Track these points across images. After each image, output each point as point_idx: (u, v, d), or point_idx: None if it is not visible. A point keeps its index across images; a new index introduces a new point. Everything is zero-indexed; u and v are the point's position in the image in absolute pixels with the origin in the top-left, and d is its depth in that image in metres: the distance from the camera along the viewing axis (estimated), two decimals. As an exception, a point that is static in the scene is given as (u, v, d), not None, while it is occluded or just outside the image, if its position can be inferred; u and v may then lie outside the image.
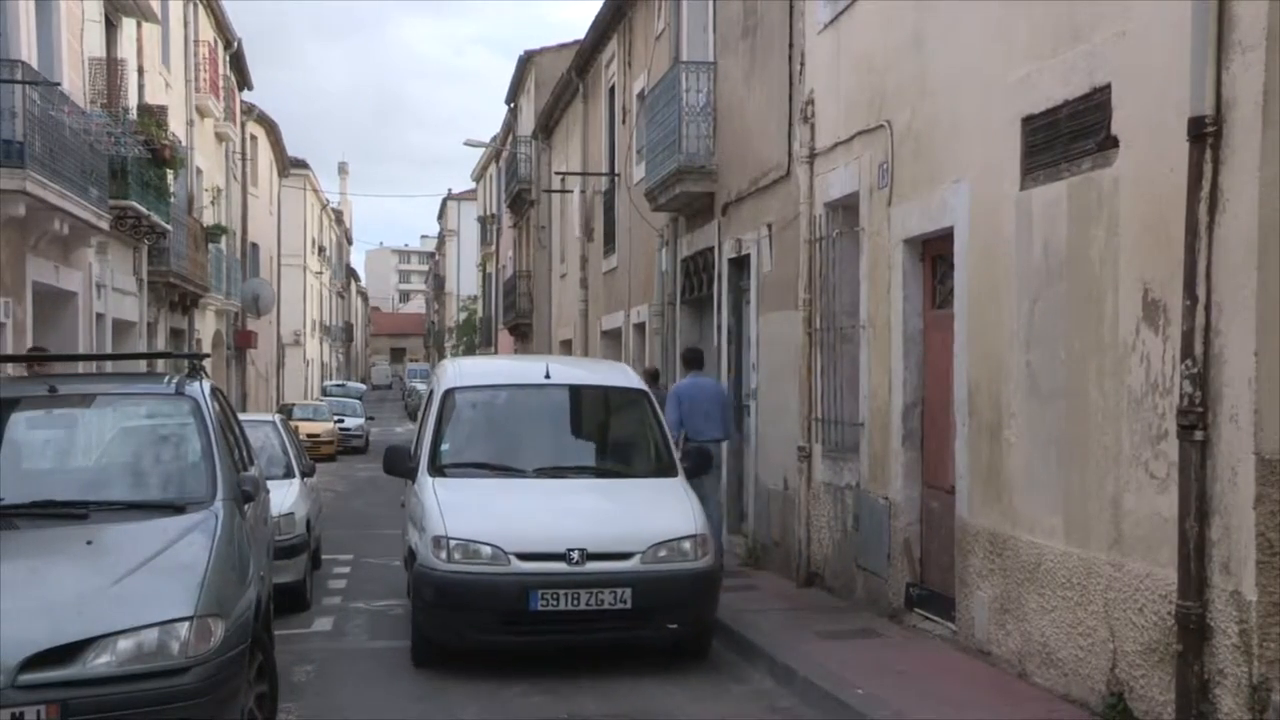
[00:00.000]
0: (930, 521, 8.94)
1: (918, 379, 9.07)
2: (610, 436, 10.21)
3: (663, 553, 8.21)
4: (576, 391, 10.11)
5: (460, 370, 10.42)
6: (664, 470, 9.35)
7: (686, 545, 8.31)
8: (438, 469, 9.06)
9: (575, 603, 7.94)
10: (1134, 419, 6.19)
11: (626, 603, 7.98)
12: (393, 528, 11.64)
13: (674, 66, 14.72)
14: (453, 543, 8.07)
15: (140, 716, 5.17)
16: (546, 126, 29.51)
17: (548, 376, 9.86)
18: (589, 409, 10.16)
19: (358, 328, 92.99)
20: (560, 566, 7.98)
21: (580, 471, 9.35)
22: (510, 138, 36.28)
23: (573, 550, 8.00)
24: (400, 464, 9.47)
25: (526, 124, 33.32)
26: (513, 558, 7.99)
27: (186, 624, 5.35)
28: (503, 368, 12.41)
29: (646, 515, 8.53)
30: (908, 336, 9.09)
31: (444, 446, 9.30)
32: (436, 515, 8.28)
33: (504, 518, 8.32)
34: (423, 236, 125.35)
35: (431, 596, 8.13)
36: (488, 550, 8.03)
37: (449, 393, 9.62)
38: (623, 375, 10.61)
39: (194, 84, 26.23)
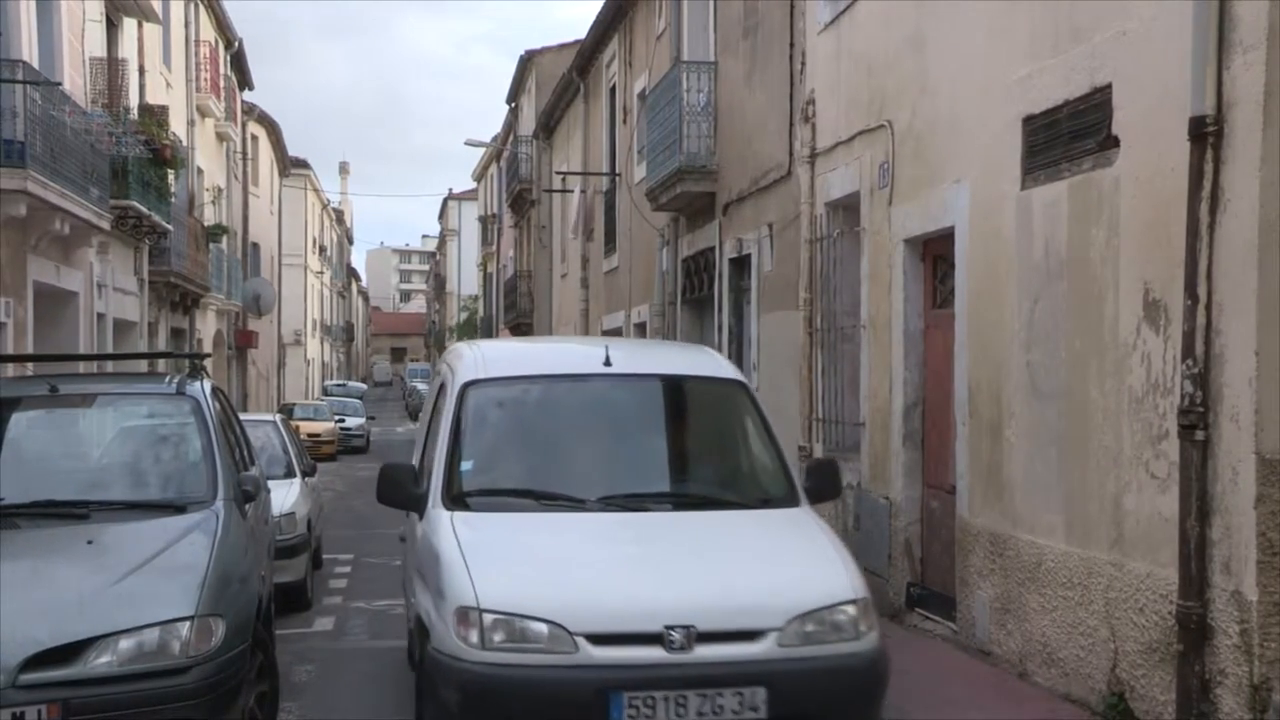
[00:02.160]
0: (931, 521, 8.94)
1: (918, 379, 9.07)
2: (703, 449, 7.18)
3: (810, 628, 5.41)
4: (651, 385, 7.05)
5: (483, 356, 7.16)
6: (782, 497, 6.43)
7: (843, 616, 5.48)
8: (456, 499, 6.18)
9: (681, 712, 5.18)
10: (1134, 419, 6.19)
11: (759, 710, 5.22)
12: (393, 527, 11.65)
13: (675, 66, 14.73)
14: (489, 618, 5.26)
15: (141, 716, 5.18)
16: (547, 126, 29.54)
17: (608, 364, 6.78)
18: (670, 410, 7.15)
19: (358, 327, 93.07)
20: (657, 654, 5.21)
21: (664, 500, 6.43)
22: (511, 137, 36.36)
23: (674, 629, 5.21)
24: (402, 490, 6.44)
25: (527, 124, 33.35)
26: (582, 640, 5.20)
27: (187, 624, 5.36)
28: (542, 353, 8.57)
29: (778, 569, 5.71)
30: (908, 336, 9.10)
31: (464, 466, 6.42)
32: (461, 572, 5.47)
33: (564, 576, 5.53)
34: (423, 236, 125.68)
35: (458, 703, 5.29)
36: (543, 629, 5.23)
37: (468, 388, 6.69)
38: (711, 362, 7.57)
39: (195, 84, 26.27)
